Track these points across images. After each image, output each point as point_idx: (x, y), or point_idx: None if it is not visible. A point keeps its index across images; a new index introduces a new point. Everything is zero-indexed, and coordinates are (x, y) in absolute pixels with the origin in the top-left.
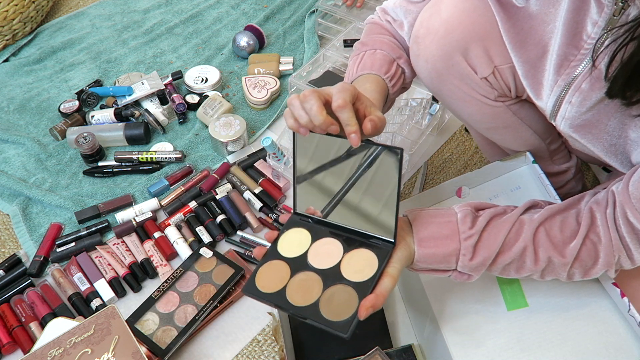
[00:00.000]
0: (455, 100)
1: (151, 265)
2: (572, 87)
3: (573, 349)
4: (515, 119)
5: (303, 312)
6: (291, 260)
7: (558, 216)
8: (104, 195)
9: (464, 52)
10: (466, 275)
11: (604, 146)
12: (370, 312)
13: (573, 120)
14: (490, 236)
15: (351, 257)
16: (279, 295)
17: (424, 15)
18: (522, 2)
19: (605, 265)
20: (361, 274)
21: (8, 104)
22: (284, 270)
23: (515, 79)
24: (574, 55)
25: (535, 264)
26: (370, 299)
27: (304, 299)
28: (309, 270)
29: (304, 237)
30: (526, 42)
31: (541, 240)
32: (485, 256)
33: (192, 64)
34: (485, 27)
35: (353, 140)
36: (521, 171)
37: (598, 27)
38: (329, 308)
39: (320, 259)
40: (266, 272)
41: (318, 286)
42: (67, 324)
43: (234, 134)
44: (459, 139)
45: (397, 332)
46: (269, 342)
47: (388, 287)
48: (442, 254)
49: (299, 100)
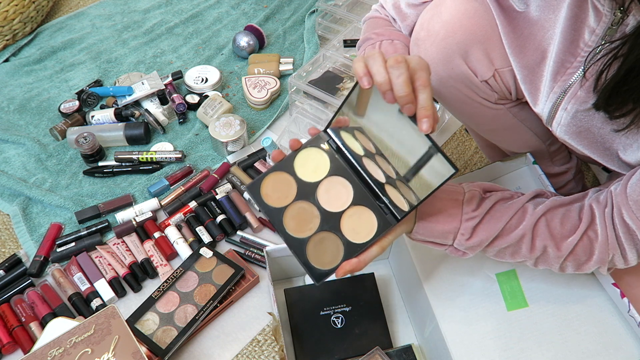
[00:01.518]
0: (456, 102)
1: (151, 265)
2: (568, 94)
3: (573, 349)
4: (515, 121)
5: (290, 241)
6: (301, 183)
7: (561, 209)
8: (104, 195)
9: (464, 55)
10: (461, 252)
11: (599, 150)
12: (348, 274)
13: (568, 127)
14: (492, 220)
15: (354, 212)
16: (276, 213)
17: (425, 17)
18: (523, 7)
19: (599, 262)
20: (357, 234)
21: (8, 104)
22: (290, 190)
23: (516, 82)
24: (570, 63)
25: (531, 252)
26: (352, 263)
27: (296, 229)
28: (313, 203)
29: (323, 163)
30: (525, 47)
31: (540, 229)
32: (483, 238)
33: (192, 64)
34: (486, 30)
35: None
36: (521, 172)
37: (596, 35)
38: (314, 250)
39: (327, 198)
40: (274, 182)
41: (314, 223)
42: (67, 324)
43: (234, 134)
44: (459, 139)
45: (397, 332)
46: (269, 342)
47: (373, 255)
48: (441, 230)
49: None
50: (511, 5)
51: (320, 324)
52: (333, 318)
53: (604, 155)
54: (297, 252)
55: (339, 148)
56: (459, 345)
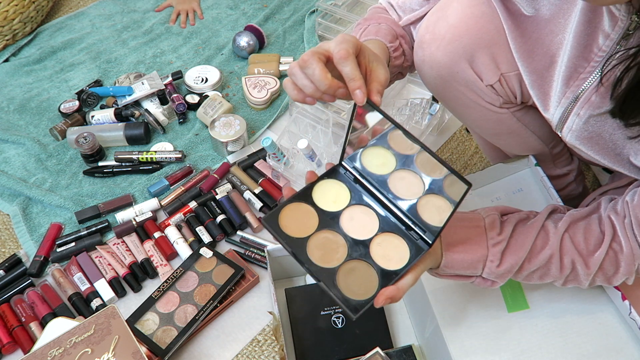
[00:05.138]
0: (460, 106)
1: (151, 265)
2: (581, 99)
3: (573, 351)
4: (519, 125)
5: (319, 273)
6: (322, 213)
7: (581, 222)
8: (104, 195)
9: (470, 59)
10: (490, 281)
11: (610, 155)
12: (388, 302)
13: (580, 132)
14: (517, 243)
15: (384, 240)
16: (299, 244)
17: (431, 19)
18: (532, 11)
19: (626, 274)
20: (389, 261)
21: (8, 104)
22: (312, 219)
23: (522, 86)
24: (583, 68)
25: (561, 271)
26: (391, 290)
27: (323, 260)
28: (338, 232)
29: (343, 194)
30: (533, 52)
31: (567, 246)
32: (512, 263)
33: (192, 64)
34: (492, 34)
35: (357, 97)
36: (523, 174)
37: (610, 40)
38: (346, 281)
39: (353, 226)
40: (293, 213)
41: (342, 253)
42: (67, 324)
43: (234, 134)
44: (459, 139)
45: (397, 332)
46: (269, 342)
47: (409, 284)
48: (470, 259)
49: (299, 67)
50: (519, 9)
51: (321, 324)
52: (334, 318)
53: (614, 160)
54: (329, 285)
55: (356, 179)
56: (459, 346)
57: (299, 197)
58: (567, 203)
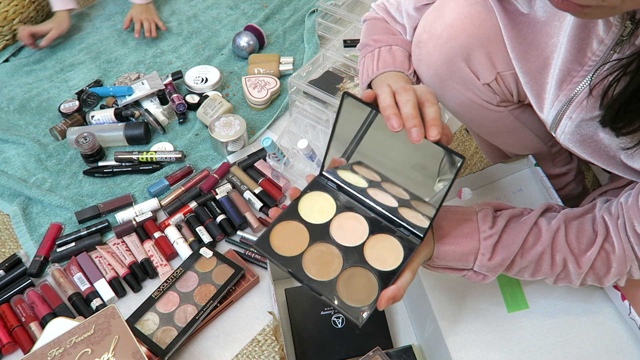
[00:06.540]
0: (457, 105)
1: (151, 265)
2: (574, 103)
3: (573, 351)
4: (517, 123)
5: (319, 287)
6: (311, 226)
7: (574, 221)
8: (104, 195)
9: (466, 58)
10: (481, 275)
11: (603, 158)
12: (391, 303)
13: (572, 135)
14: (509, 237)
15: (376, 242)
16: (295, 262)
17: (427, 18)
18: (528, 9)
19: (617, 275)
20: (385, 262)
21: (8, 104)
22: (302, 235)
23: (518, 85)
24: (577, 71)
25: (552, 268)
26: (392, 290)
27: (321, 273)
28: (330, 243)
29: (328, 204)
30: (528, 53)
31: (559, 244)
32: (504, 257)
33: (192, 64)
34: (489, 32)
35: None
36: (523, 173)
37: (604, 45)
38: (346, 290)
39: (343, 234)
40: (283, 232)
41: (338, 263)
42: (67, 324)
43: (234, 134)
44: (459, 139)
45: (397, 332)
46: (269, 342)
47: (408, 281)
48: (462, 251)
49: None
50: (516, 9)
51: (321, 324)
52: (334, 318)
53: (608, 163)
54: (331, 297)
55: (339, 186)
56: (459, 346)
57: (286, 215)
58: (566, 203)
